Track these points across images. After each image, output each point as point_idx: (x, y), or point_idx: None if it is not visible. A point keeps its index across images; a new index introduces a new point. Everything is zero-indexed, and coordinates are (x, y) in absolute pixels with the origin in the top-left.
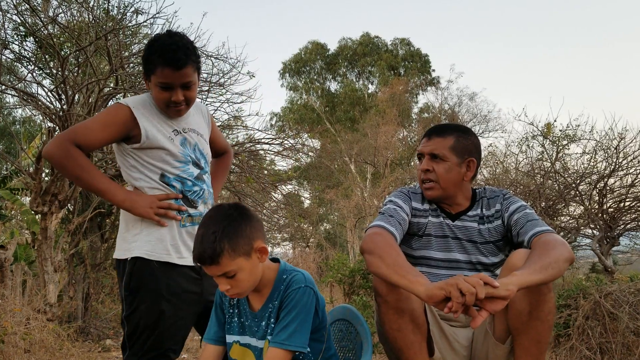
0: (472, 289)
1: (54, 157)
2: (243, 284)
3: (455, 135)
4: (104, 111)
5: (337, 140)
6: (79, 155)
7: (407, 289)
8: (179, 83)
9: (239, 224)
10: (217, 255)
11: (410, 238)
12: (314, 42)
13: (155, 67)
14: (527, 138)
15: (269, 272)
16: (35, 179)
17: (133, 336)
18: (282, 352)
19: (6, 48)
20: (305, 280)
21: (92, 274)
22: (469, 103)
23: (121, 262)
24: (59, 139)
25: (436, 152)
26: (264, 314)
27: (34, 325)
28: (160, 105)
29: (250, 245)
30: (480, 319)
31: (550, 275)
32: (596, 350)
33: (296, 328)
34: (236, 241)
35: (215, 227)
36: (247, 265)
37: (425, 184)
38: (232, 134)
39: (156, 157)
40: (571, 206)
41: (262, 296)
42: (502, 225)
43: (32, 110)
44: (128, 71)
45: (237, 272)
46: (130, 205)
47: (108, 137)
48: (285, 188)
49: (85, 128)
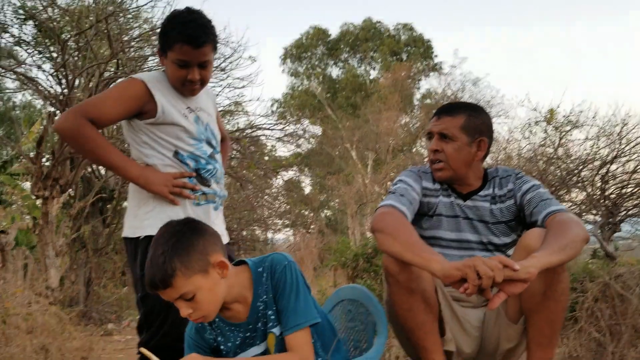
0: (490, 272)
1: (65, 132)
2: (205, 305)
3: (466, 114)
4: (116, 85)
5: (338, 126)
6: (92, 130)
7: (423, 267)
8: (196, 61)
9: (189, 239)
10: (169, 276)
11: (420, 218)
12: (315, 28)
13: (173, 44)
14: (530, 124)
15: (240, 278)
16: (36, 164)
17: (149, 318)
18: (300, 333)
19: (5, 32)
20: (285, 258)
21: (93, 258)
22: (472, 89)
23: (132, 240)
24: (71, 113)
25: (445, 131)
26: (256, 315)
27: (36, 309)
28: (175, 83)
29: (205, 260)
30: (498, 301)
31: (569, 255)
32: (605, 333)
33: (302, 304)
34: (188, 258)
35: (164, 247)
36: (206, 283)
37: (435, 164)
38: (233, 119)
39: (170, 133)
40: (573, 192)
41: (245, 302)
42: (515, 205)
43: (32, 95)
44: (129, 55)
45: (195, 292)
46: (145, 181)
47: (122, 112)
48: (287, 174)
49: (98, 102)
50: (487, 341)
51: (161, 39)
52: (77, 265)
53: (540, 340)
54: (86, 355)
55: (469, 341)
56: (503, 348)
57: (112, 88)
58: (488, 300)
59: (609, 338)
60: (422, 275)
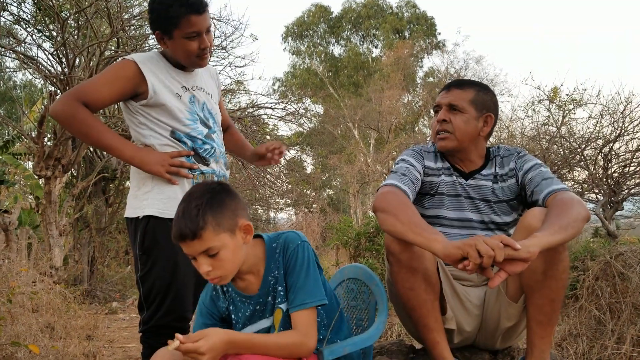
0: (491, 251)
1: (60, 116)
2: (226, 264)
3: (476, 89)
4: (109, 67)
5: (340, 105)
6: (86, 113)
7: (424, 246)
8: (204, 28)
9: (222, 198)
10: (200, 228)
11: (422, 197)
12: (317, 5)
13: (179, 19)
14: (534, 102)
15: (256, 250)
16: (37, 144)
17: (149, 297)
18: (306, 311)
19: (4, 10)
20: (299, 237)
21: (97, 237)
22: (475, 67)
23: (132, 220)
24: (65, 97)
25: (455, 102)
26: (267, 289)
27: (41, 287)
28: (190, 57)
29: (234, 221)
30: (499, 280)
31: (570, 234)
32: (606, 310)
33: (311, 284)
34: (221, 215)
35: (198, 200)
36: (231, 243)
37: (440, 134)
38: (235, 98)
39: (164, 114)
40: (576, 171)
41: (257, 275)
42: (516, 184)
43: (32, 74)
44: (129, 34)
45: (220, 249)
46: (140, 161)
47: (115, 94)
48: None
49: (91, 85)
50: (488, 320)
51: (162, 22)
52: (81, 244)
53: (540, 319)
54: (91, 333)
55: (469, 320)
56: (503, 326)
57: (105, 70)
58: (489, 279)
59: (609, 316)
60: (423, 255)
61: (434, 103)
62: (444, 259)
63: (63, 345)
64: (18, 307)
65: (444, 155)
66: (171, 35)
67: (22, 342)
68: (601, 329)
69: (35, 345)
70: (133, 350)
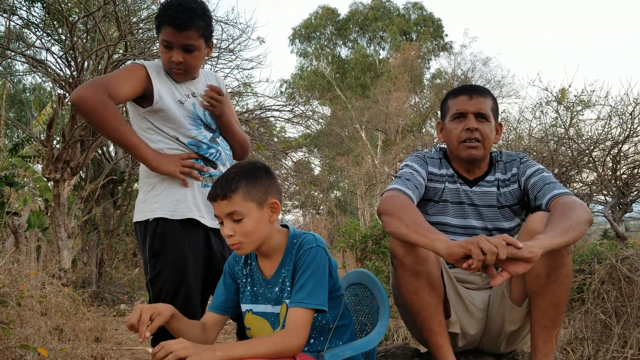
0: (494, 248)
1: (88, 103)
2: (247, 232)
3: (492, 97)
4: (122, 68)
5: (347, 107)
6: (115, 107)
7: (427, 246)
8: (179, 43)
9: (260, 174)
10: (230, 190)
11: (426, 203)
12: (324, 7)
13: (160, 26)
14: (541, 104)
15: (279, 237)
16: (46, 146)
17: (159, 299)
18: (302, 310)
19: (14, 14)
20: (316, 241)
21: (105, 240)
22: (482, 68)
23: (142, 224)
24: (92, 86)
25: (483, 111)
26: (277, 280)
27: (50, 290)
28: (165, 65)
29: (265, 196)
30: (501, 279)
31: (572, 237)
32: (611, 314)
33: (313, 287)
34: (253, 185)
35: (238, 169)
36: (257, 214)
37: (469, 142)
38: (242, 100)
39: (169, 120)
40: (584, 173)
41: (274, 262)
42: (519, 189)
43: (42, 77)
44: (137, 37)
45: (244, 216)
46: (158, 162)
47: (131, 91)
48: (296, 155)
49: (114, 79)
50: (492, 323)
51: (155, 23)
52: (89, 246)
53: (544, 323)
54: (99, 335)
55: (473, 323)
56: (507, 330)
57: (120, 69)
58: (492, 277)
59: (614, 319)
60: (428, 258)
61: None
62: (447, 258)
63: (71, 347)
64: (27, 310)
65: (448, 161)
66: (158, 36)
67: (31, 345)
68: (607, 332)
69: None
70: (141, 353)
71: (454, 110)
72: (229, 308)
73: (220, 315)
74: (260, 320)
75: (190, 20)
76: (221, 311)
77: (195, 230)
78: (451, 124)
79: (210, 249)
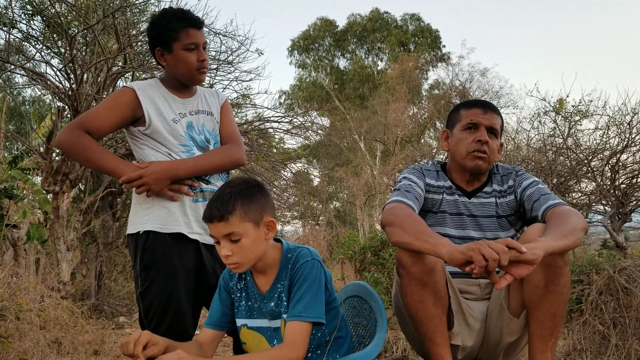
0: (495, 255)
1: (64, 145)
2: (245, 252)
3: (501, 117)
4: (109, 96)
5: (346, 117)
6: (87, 139)
7: (430, 252)
8: (201, 42)
9: (255, 193)
10: (228, 212)
11: (425, 214)
12: (322, 19)
13: (178, 33)
14: (539, 114)
15: (273, 252)
16: (46, 159)
17: (149, 313)
18: (300, 324)
19: (14, 27)
20: (311, 254)
21: (104, 252)
22: (480, 79)
23: (133, 236)
24: (68, 128)
25: (495, 127)
26: (273, 295)
27: (48, 303)
28: (190, 71)
29: (261, 214)
30: (505, 282)
31: (572, 242)
32: (610, 325)
33: (310, 300)
34: (249, 205)
35: (233, 188)
36: (254, 234)
37: (478, 153)
38: (241, 112)
39: (161, 140)
40: (583, 182)
41: (269, 277)
42: (515, 201)
43: (41, 90)
44: (136, 49)
45: (242, 236)
46: None
47: (115, 120)
48: (295, 166)
49: (92, 114)
50: (490, 335)
51: (161, 38)
52: (88, 259)
53: (542, 334)
54: (98, 348)
55: (471, 334)
56: (505, 342)
57: (106, 99)
58: (493, 284)
59: (612, 330)
60: (435, 269)
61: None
62: (449, 262)
63: None
64: (26, 323)
65: (446, 173)
66: (171, 49)
67: (29, 359)
68: (605, 343)
69: None
70: None
71: (467, 120)
72: (225, 323)
73: (217, 331)
74: (256, 334)
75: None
76: (218, 327)
77: (186, 244)
78: (462, 134)
79: (201, 263)
